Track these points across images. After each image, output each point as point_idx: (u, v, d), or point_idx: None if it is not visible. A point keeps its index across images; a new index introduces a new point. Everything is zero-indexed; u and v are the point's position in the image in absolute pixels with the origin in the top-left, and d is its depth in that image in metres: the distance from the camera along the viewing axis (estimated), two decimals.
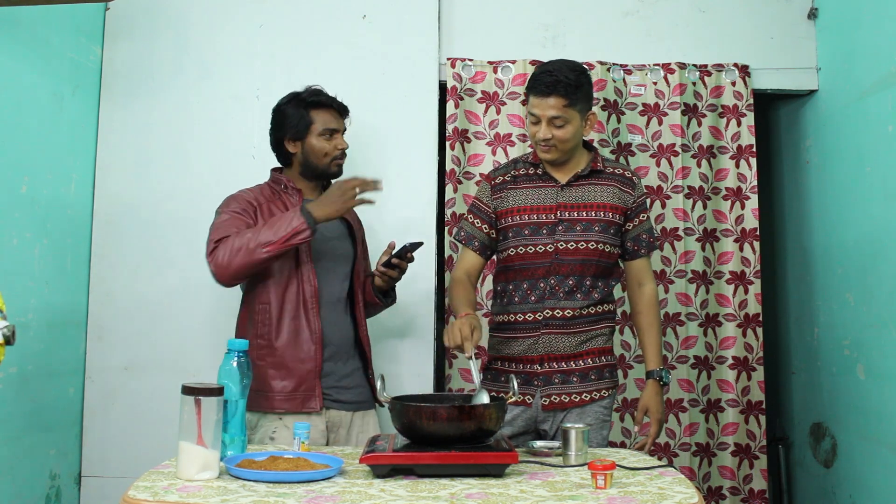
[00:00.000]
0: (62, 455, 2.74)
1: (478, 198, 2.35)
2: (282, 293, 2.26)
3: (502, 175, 2.32)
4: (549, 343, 2.21)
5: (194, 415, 1.58)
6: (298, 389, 2.23)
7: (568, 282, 2.21)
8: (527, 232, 2.23)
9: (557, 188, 2.25)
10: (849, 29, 2.91)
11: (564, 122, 2.15)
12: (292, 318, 2.26)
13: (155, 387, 2.82)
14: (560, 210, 2.23)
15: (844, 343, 2.90)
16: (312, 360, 2.24)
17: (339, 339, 2.32)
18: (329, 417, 2.28)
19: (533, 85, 2.17)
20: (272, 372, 2.24)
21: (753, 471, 3.03)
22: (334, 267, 2.34)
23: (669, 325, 3.03)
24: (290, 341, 2.25)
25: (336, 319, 2.32)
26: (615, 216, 2.25)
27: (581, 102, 2.17)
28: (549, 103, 2.14)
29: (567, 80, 2.13)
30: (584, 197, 2.25)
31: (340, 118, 2.37)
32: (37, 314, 2.55)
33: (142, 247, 2.90)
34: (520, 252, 2.23)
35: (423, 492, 1.53)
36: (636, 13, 3.15)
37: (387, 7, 3.03)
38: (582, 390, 2.22)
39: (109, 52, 2.97)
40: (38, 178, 2.55)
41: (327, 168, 2.34)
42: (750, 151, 3.10)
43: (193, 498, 1.45)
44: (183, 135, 2.95)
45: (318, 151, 2.32)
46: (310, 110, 2.33)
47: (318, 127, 2.32)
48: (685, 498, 1.50)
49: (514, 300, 2.25)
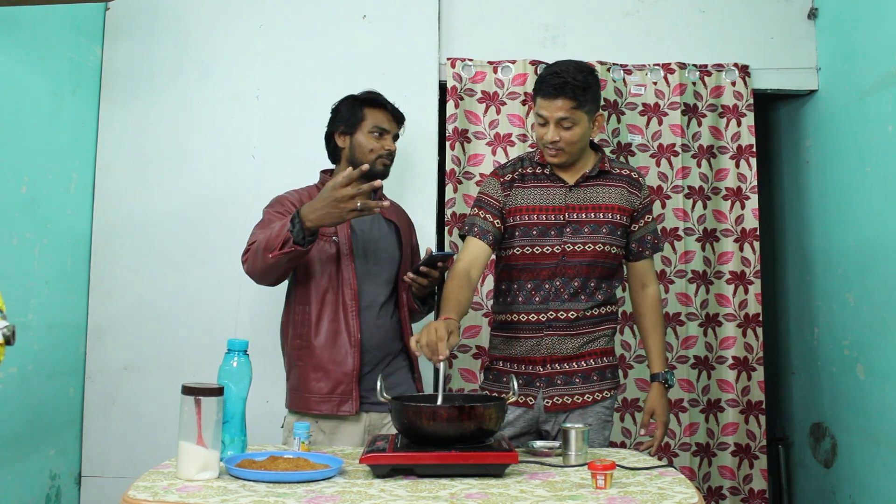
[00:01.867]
0: (62, 455, 2.74)
1: (485, 192, 2.28)
2: (321, 295, 2.25)
3: (511, 172, 2.27)
4: (553, 345, 2.20)
5: (194, 415, 1.58)
6: (335, 392, 2.22)
7: (573, 283, 2.20)
8: (535, 233, 2.21)
9: (566, 189, 2.23)
10: (849, 29, 2.91)
11: (572, 124, 2.13)
12: (331, 320, 2.24)
13: (155, 387, 2.82)
14: (569, 211, 2.21)
15: (844, 343, 2.90)
16: (350, 363, 2.22)
17: (382, 342, 2.29)
18: (370, 420, 2.27)
19: (540, 87, 2.15)
20: (310, 373, 2.23)
21: (753, 471, 3.03)
22: (378, 270, 2.32)
23: (669, 325, 3.03)
24: (327, 343, 2.23)
25: (380, 322, 2.29)
26: (623, 218, 2.24)
27: (589, 104, 2.14)
28: (557, 105, 2.11)
29: (575, 82, 2.10)
30: (592, 198, 2.23)
31: (394, 122, 2.36)
32: (37, 314, 2.55)
33: (141, 247, 2.90)
34: (526, 252, 2.21)
35: (423, 492, 1.53)
36: (636, 13, 3.15)
37: (387, 7, 3.03)
38: (584, 391, 2.22)
39: (109, 52, 2.97)
40: (38, 178, 2.55)
41: (372, 165, 2.28)
42: (750, 151, 3.11)
43: (193, 498, 1.45)
44: (183, 135, 2.95)
45: (364, 147, 2.31)
46: (364, 107, 2.33)
47: (368, 123, 2.32)
48: (685, 498, 1.50)
49: (517, 300, 2.24)
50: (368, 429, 2.27)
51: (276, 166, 2.93)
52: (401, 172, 2.95)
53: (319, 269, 2.26)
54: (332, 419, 2.23)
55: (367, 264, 2.31)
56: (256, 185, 2.86)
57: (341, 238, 2.27)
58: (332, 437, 2.23)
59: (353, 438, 2.24)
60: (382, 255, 2.34)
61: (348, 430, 2.24)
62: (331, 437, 2.23)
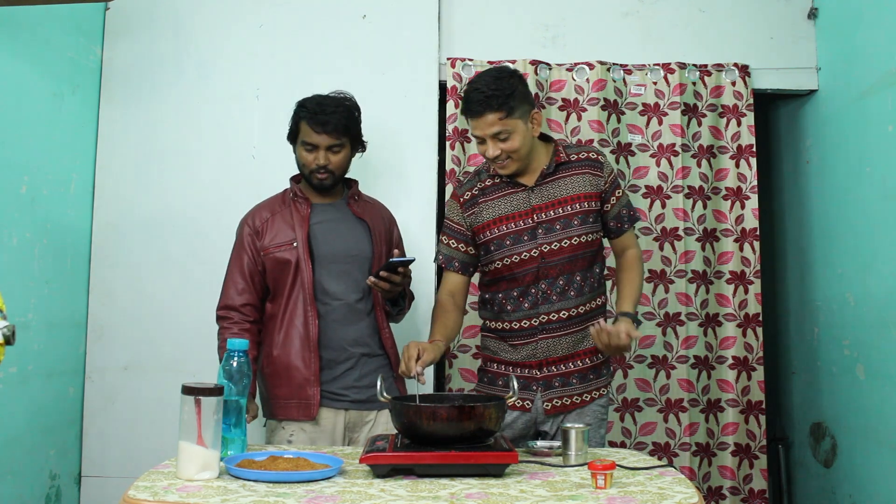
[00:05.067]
0: (62, 455, 2.74)
1: (449, 218, 2.28)
2: (283, 302, 2.30)
3: (469, 190, 2.26)
4: (548, 347, 2.19)
5: (194, 415, 1.58)
6: (294, 397, 2.26)
7: (559, 283, 2.18)
8: (508, 242, 2.18)
9: (527, 191, 2.20)
10: (849, 29, 2.91)
11: (509, 135, 2.09)
12: (289, 325, 2.29)
13: (155, 387, 2.83)
14: (536, 213, 2.18)
15: (844, 343, 2.90)
16: (308, 367, 2.26)
17: (356, 340, 2.31)
18: (349, 418, 2.29)
19: (467, 106, 2.10)
20: (271, 381, 2.30)
21: (753, 471, 3.03)
22: (347, 269, 2.33)
23: (669, 325, 3.03)
24: (285, 349, 2.28)
25: (352, 320, 2.32)
26: (591, 203, 2.20)
27: (519, 108, 2.09)
28: (488, 121, 2.07)
29: (498, 92, 2.05)
30: (555, 193, 2.19)
31: (324, 134, 2.29)
32: (37, 314, 2.55)
33: (142, 247, 2.90)
34: (505, 263, 2.19)
35: (423, 492, 1.53)
36: (636, 13, 3.15)
37: (387, 7, 3.03)
38: (583, 391, 2.21)
39: (109, 52, 2.97)
40: (38, 178, 2.55)
41: (308, 178, 2.35)
42: (750, 151, 3.10)
43: (193, 498, 1.45)
44: (183, 135, 2.95)
45: (299, 161, 2.36)
46: (298, 119, 2.34)
47: (300, 137, 2.33)
48: (685, 498, 1.50)
49: (506, 308, 2.22)
50: (349, 426, 2.30)
51: (276, 166, 2.92)
52: (401, 172, 2.95)
53: (280, 277, 2.31)
54: (302, 421, 2.26)
55: (335, 264, 2.32)
56: (256, 185, 2.85)
57: (300, 242, 2.30)
58: (312, 435, 2.26)
59: (333, 436, 2.26)
60: (352, 254, 2.35)
61: (327, 427, 2.26)
62: (311, 436, 2.26)
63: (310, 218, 2.34)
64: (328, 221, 2.36)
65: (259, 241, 2.32)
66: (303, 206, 2.36)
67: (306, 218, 2.33)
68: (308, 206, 2.36)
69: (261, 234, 2.33)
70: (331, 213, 2.38)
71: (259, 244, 2.32)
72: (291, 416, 2.26)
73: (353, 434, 2.31)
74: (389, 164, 2.91)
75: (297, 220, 2.33)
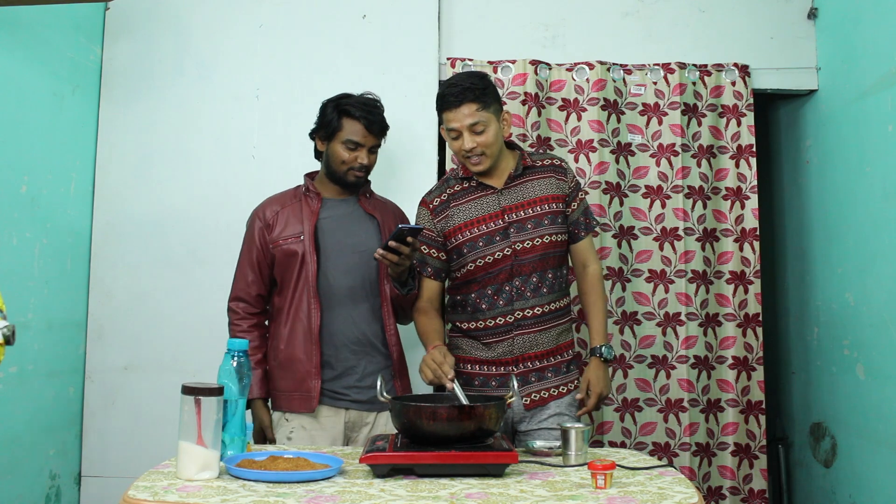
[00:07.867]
0: (62, 455, 2.74)
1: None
2: (289, 294, 2.32)
3: (438, 196, 2.31)
4: (524, 343, 2.23)
5: (194, 415, 1.58)
6: (298, 389, 2.27)
7: (532, 279, 2.23)
8: (481, 243, 2.23)
9: (497, 193, 2.27)
10: (849, 29, 2.91)
11: (484, 127, 2.18)
12: (293, 317, 2.30)
13: (155, 387, 2.83)
14: (506, 213, 2.24)
15: (844, 343, 2.90)
16: (307, 359, 2.27)
17: (356, 337, 2.32)
18: (349, 417, 2.30)
19: (443, 101, 2.20)
20: (277, 374, 2.32)
21: (753, 471, 3.03)
22: (354, 264, 2.34)
23: (669, 324, 3.03)
24: (289, 341, 2.30)
25: (356, 315, 2.33)
26: (558, 205, 2.28)
27: (493, 104, 2.20)
28: (464, 112, 2.16)
29: (473, 86, 2.16)
30: (524, 195, 2.27)
31: (371, 134, 2.34)
32: (37, 314, 2.55)
33: (141, 246, 2.90)
34: (479, 264, 2.24)
35: (423, 492, 1.53)
36: (636, 13, 3.15)
37: (387, 7, 3.03)
38: (559, 383, 2.26)
39: (109, 51, 2.97)
40: (38, 178, 2.56)
41: (343, 176, 2.35)
42: (750, 151, 3.10)
43: (193, 498, 1.45)
44: (183, 135, 2.95)
45: (337, 158, 2.34)
46: (342, 117, 2.34)
47: (343, 134, 2.33)
48: (685, 498, 1.50)
49: (480, 307, 2.25)
50: (349, 426, 2.30)
51: (276, 166, 2.93)
52: (401, 172, 2.95)
53: (287, 269, 2.33)
54: (306, 416, 2.27)
55: (341, 259, 2.33)
56: (256, 185, 2.86)
57: (306, 235, 2.32)
58: (312, 433, 2.27)
59: (333, 434, 2.26)
60: (359, 249, 2.35)
61: (327, 425, 2.27)
62: (311, 434, 2.27)
63: (320, 212, 2.36)
64: (337, 216, 2.38)
65: (269, 234, 2.35)
66: (314, 200, 2.38)
67: (315, 212, 2.36)
68: (319, 200, 2.38)
69: (271, 226, 2.36)
70: (342, 208, 2.40)
71: (269, 237, 2.35)
72: (294, 408, 2.28)
73: (352, 434, 2.32)
74: (389, 164, 2.92)
75: (307, 214, 2.35)
